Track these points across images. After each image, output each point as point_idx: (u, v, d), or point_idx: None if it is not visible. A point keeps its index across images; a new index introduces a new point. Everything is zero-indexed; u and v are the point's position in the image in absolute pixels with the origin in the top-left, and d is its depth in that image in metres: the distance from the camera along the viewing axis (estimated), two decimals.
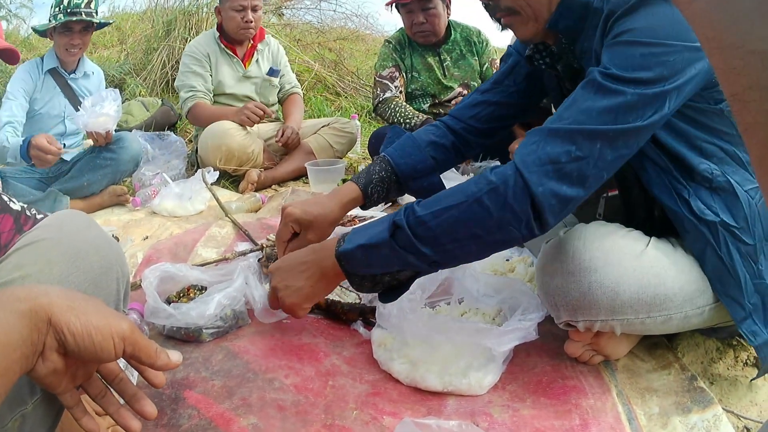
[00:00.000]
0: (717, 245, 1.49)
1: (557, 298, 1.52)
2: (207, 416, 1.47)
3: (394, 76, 4.00)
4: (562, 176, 1.30)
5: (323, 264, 1.50)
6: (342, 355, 1.77)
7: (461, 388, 1.56)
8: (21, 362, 0.78)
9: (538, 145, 1.33)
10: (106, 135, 3.57)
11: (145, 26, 7.89)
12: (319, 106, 6.37)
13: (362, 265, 1.44)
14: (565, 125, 1.33)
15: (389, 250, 1.38)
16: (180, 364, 0.99)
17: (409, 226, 1.36)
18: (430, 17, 3.87)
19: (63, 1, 3.72)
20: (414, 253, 1.37)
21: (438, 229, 1.34)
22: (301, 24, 8.72)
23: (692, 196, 1.50)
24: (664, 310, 1.49)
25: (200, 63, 4.19)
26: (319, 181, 3.64)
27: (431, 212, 1.35)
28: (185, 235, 2.78)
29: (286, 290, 1.56)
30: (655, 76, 1.31)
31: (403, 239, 1.37)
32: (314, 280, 1.53)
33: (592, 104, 1.33)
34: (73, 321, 0.83)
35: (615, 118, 1.31)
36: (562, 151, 1.30)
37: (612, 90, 1.32)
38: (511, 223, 1.31)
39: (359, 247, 1.42)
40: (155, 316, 1.79)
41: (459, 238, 1.35)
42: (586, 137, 1.31)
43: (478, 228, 1.33)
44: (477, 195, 1.32)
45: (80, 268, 1.12)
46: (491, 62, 4.16)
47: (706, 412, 1.47)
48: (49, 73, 3.89)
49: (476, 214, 1.32)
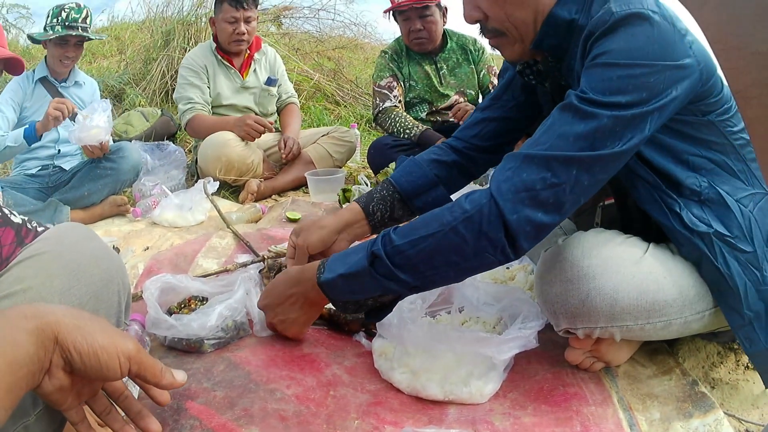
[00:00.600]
0: (713, 256, 1.48)
1: (556, 306, 1.52)
2: (209, 427, 1.46)
3: (392, 86, 4.04)
4: (537, 203, 1.30)
5: (309, 295, 1.60)
6: (343, 365, 1.77)
7: (462, 397, 1.56)
8: (27, 379, 0.79)
9: (514, 172, 1.33)
10: (102, 146, 3.59)
11: (144, 36, 7.91)
12: (318, 115, 6.38)
13: (344, 292, 1.50)
14: (541, 151, 1.32)
15: (369, 277, 1.42)
16: (185, 383, 1.00)
17: (387, 254, 1.39)
18: (427, 24, 3.92)
19: (61, 14, 3.76)
20: (393, 280, 1.40)
21: (415, 258, 1.37)
22: (300, 33, 8.72)
23: (683, 210, 1.50)
24: (664, 316, 1.49)
25: (197, 75, 4.20)
26: (319, 190, 3.65)
27: (408, 241, 1.38)
28: (186, 246, 2.78)
29: (283, 324, 1.74)
30: (633, 99, 1.30)
31: (382, 267, 1.40)
32: (305, 309, 1.67)
33: (569, 129, 1.32)
34: (79, 340, 0.84)
35: (592, 143, 1.30)
36: (538, 178, 1.30)
37: (588, 113, 1.31)
38: (487, 250, 1.33)
39: (339, 277, 1.47)
40: (156, 328, 1.79)
41: (436, 266, 1.37)
42: (561, 163, 1.30)
43: (455, 255, 1.35)
44: (452, 224, 1.34)
45: (81, 281, 1.13)
46: (488, 69, 4.21)
47: (707, 416, 1.47)
48: (39, 82, 3.91)
49: (452, 243, 1.34)
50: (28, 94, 3.87)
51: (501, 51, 1.62)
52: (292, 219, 3.23)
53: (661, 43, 1.31)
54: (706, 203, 1.51)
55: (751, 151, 1.56)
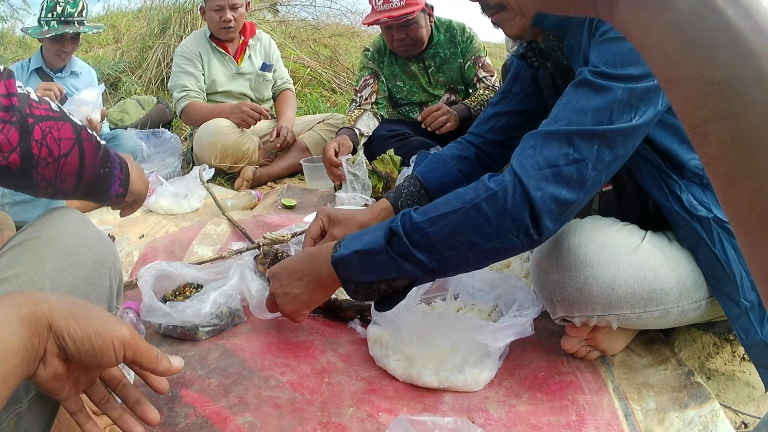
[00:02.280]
0: (711, 241, 1.48)
1: (553, 294, 1.51)
2: (203, 414, 1.46)
3: (368, 84, 3.85)
4: (561, 180, 1.29)
5: (320, 273, 1.51)
6: (338, 352, 1.76)
7: (457, 385, 1.56)
8: (22, 367, 0.78)
9: (535, 149, 1.32)
10: (91, 124, 3.57)
11: (141, 24, 7.89)
12: (314, 102, 6.36)
13: (358, 271, 1.43)
14: (562, 127, 1.32)
15: (385, 256, 1.37)
16: (182, 369, 0.99)
17: (406, 232, 1.35)
18: (412, 32, 3.64)
19: (56, 8, 3.72)
20: (410, 261, 1.36)
21: (435, 236, 1.33)
22: (296, 21, 8.69)
23: (684, 192, 1.50)
24: (661, 305, 1.49)
25: (192, 62, 4.19)
26: (315, 177, 3.64)
27: (428, 218, 1.34)
28: (181, 233, 2.77)
29: (284, 297, 1.59)
30: (644, 71, 1.30)
31: (400, 246, 1.36)
32: (311, 288, 1.55)
33: (585, 103, 1.32)
34: (73, 326, 0.83)
35: (610, 117, 1.30)
36: (560, 153, 1.29)
37: (603, 87, 1.31)
38: (510, 231, 1.29)
39: (355, 253, 1.41)
40: (151, 315, 1.79)
41: (456, 246, 1.33)
42: (583, 138, 1.29)
43: (476, 235, 1.31)
44: (475, 201, 1.31)
45: (73, 265, 1.13)
46: (475, 60, 3.86)
47: (703, 407, 1.47)
48: (35, 72, 3.90)
49: (474, 221, 1.30)
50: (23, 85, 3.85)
51: (503, 27, 1.60)
52: (288, 206, 3.22)
53: None
54: (708, 187, 1.51)
55: None
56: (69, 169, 1.16)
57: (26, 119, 1.07)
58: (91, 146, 1.21)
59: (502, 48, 7.69)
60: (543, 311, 1.62)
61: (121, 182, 1.36)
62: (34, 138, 1.08)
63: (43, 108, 1.12)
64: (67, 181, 1.18)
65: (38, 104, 1.11)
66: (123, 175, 1.37)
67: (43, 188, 1.15)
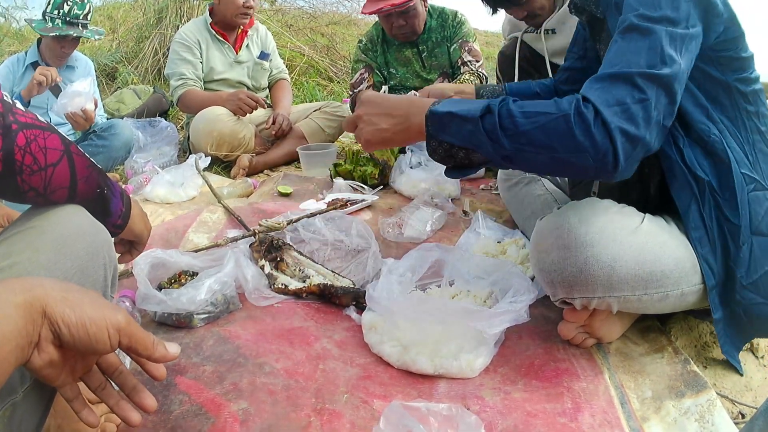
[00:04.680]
0: (702, 202, 1.52)
1: (553, 275, 1.51)
2: (198, 402, 1.46)
3: (363, 78, 3.99)
4: (630, 117, 1.32)
5: (413, 119, 1.52)
6: (333, 338, 1.76)
7: (452, 371, 1.56)
8: (16, 353, 0.78)
9: (604, 89, 1.36)
10: (86, 114, 3.58)
11: (137, 15, 7.85)
12: (311, 91, 6.35)
13: (444, 129, 1.46)
14: (623, 69, 1.37)
15: (473, 126, 1.40)
16: (178, 355, 0.99)
17: (499, 114, 1.38)
18: (410, 19, 3.82)
19: (64, 7, 3.69)
20: (493, 140, 1.39)
21: (522, 128, 1.36)
22: (293, 9, 8.65)
23: (686, 147, 1.54)
24: (661, 287, 1.49)
25: (190, 50, 4.18)
26: (311, 165, 3.63)
27: (522, 111, 1.37)
28: (176, 221, 2.77)
29: (368, 125, 1.59)
30: (681, 16, 1.41)
31: (489, 123, 1.39)
32: (398, 129, 1.56)
33: (636, 45, 1.39)
34: (67, 312, 0.83)
35: (661, 55, 1.37)
36: (627, 93, 1.34)
37: (647, 30, 1.39)
38: (587, 150, 1.32)
39: (448, 113, 1.44)
40: (146, 303, 1.79)
41: (536, 143, 1.36)
42: (645, 79, 1.35)
43: (557, 141, 1.34)
44: (567, 112, 1.33)
45: (67, 255, 1.12)
46: (461, 44, 3.98)
47: (699, 396, 1.46)
48: (31, 66, 3.88)
49: (560, 128, 1.33)
50: (18, 79, 3.85)
51: None
52: (284, 193, 3.21)
53: None
54: (710, 155, 1.54)
55: (760, 141, 1.59)
56: (59, 180, 1.16)
57: (9, 125, 1.06)
58: (82, 161, 1.21)
59: (500, 37, 7.68)
60: (539, 298, 1.62)
61: (121, 214, 1.37)
62: (18, 144, 1.07)
63: (29, 117, 1.11)
64: (58, 193, 1.17)
65: (24, 113, 1.10)
66: (124, 207, 1.38)
67: (33, 197, 1.14)
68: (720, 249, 1.52)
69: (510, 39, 3.44)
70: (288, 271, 2.12)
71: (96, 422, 0.97)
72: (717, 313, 1.56)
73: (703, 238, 1.52)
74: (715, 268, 1.52)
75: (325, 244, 2.35)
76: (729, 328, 1.59)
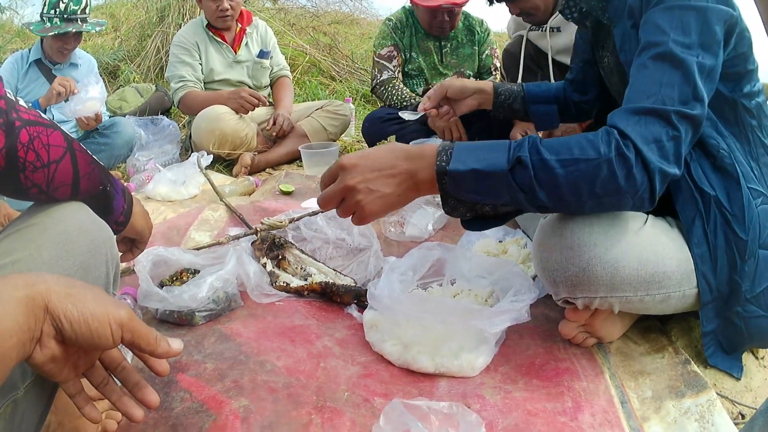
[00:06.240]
0: (706, 218, 1.51)
1: (556, 274, 1.50)
2: (199, 399, 1.46)
3: (392, 56, 4.00)
4: (665, 155, 1.32)
5: (419, 175, 1.38)
6: (334, 337, 1.76)
7: (453, 370, 1.56)
8: (17, 349, 0.77)
9: (641, 125, 1.34)
10: (96, 117, 3.60)
11: (139, 13, 7.83)
12: (313, 90, 6.35)
13: (468, 190, 1.36)
14: (659, 105, 1.35)
15: (503, 182, 1.33)
16: (181, 351, 0.98)
17: (534, 165, 1.31)
18: (455, 17, 3.92)
19: (59, 5, 3.68)
20: (528, 193, 1.33)
21: (562, 179, 1.31)
22: (296, 8, 8.65)
23: (693, 161, 1.53)
24: (663, 288, 1.49)
25: (188, 52, 4.17)
26: (313, 164, 3.63)
27: (559, 159, 1.31)
28: (178, 219, 2.77)
29: (368, 195, 1.37)
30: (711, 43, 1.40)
31: (523, 177, 1.32)
32: (403, 189, 1.40)
33: (670, 77, 1.38)
34: (69, 308, 0.82)
35: (694, 90, 1.36)
36: (663, 130, 1.33)
37: (681, 60, 1.38)
38: (630, 192, 1.32)
39: (472, 172, 1.33)
40: (148, 300, 1.79)
41: (579, 193, 1.33)
42: (680, 117, 1.34)
43: (601, 188, 1.32)
44: (609, 156, 1.30)
45: (69, 252, 1.12)
46: (491, 51, 4.17)
47: (699, 396, 1.46)
48: (34, 64, 3.88)
49: (604, 174, 1.31)
50: (21, 76, 3.85)
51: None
52: (286, 192, 3.21)
53: None
54: (719, 170, 1.53)
55: (764, 155, 1.59)
56: (62, 177, 1.16)
57: (12, 122, 1.06)
58: (84, 158, 1.21)
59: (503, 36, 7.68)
60: (540, 297, 1.62)
61: (123, 211, 1.38)
62: (21, 141, 1.07)
63: (32, 114, 1.11)
64: (61, 190, 1.17)
65: (26, 110, 1.10)
66: (126, 205, 1.38)
67: (35, 194, 1.14)
68: (726, 263, 1.52)
69: (515, 37, 3.45)
70: (290, 269, 2.12)
71: (98, 418, 0.98)
72: (708, 326, 1.59)
73: (705, 254, 1.51)
74: (713, 284, 1.52)
75: (327, 242, 2.35)
76: (724, 339, 1.61)
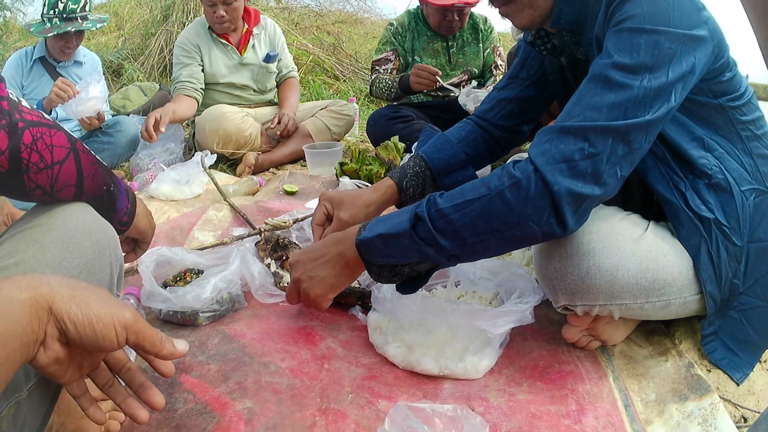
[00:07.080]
0: (709, 241, 1.50)
1: (555, 282, 1.50)
2: (203, 400, 1.46)
3: (389, 59, 4.08)
4: (576, 174, 1.29)
5: (346, 254, 1.50)
6: (338, 338, 1.76)
7: (457, 372, 1.56)
8: (21, 351, 0.77)
9: (551, 144, 1.32)
10: (99, 117, 3.60)
11: (143, 11, 7.85)
12: (317, 89, 6.36)
13: (381, 254, 1.44)
14: (577, 123, 1.32)
15: (409, 240, 1.38)
16: (186, 352, 0.99)
17: (431, 218, 1.36)
18: (464, 16, 3.99)
19: (58, 5, 3.67)
20: (433, 246, 1.37)
21: (458, 223, 1.34)
22: (300, 7, 8.66)
23: (689, 190, 1.51)
24: (663, 296, 1.49)
25: (189, 54, 4.12)
26: (317, 163, 3.64)
27: (453, 205, 1.35)
28: (182, 219, 2.77)
29: (309, 281, 1.55)
30: (660, 65, 1.31)
31: (424, 231, 1.37)
32: (338, 270, 1.53)
33: (600, 100, 1.32)
34: (74, 310, 0.82)
35: (624, 113, 1.30)
36: (576, 148, 1.30)
37: (619, 84, 1.31)
38: (531, 219, 1.30)
39: (379, 236, 1.42)
40: (151, 300, 1.78)
41: (479, 232, 1.34)
42: (598, 133, 1.30)
43: (499, 222, 1.32)
44: (499, 188, 1.31)
45: (73, 253, 1.12)
46: (493, 48, 4.22)
47: (702, 400, 1.46)
48: (38, 61, 3.89)
49: (497, 208, 1.31)
50: (26, 73, 3.85)
51: (511, 19, 1.63)
52: (290, 192, 3.21)
53: (681, 10, 1.32)
54: (714, 187, 1.52)
55: (758, 146, 1.58)
56: (65, 178, 1.16)
57: (15, 123, 1.06)
58: (88, 158, 1.21)
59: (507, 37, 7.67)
60: (544, 300, 1.61)
61: (127, 211, 1.38)
62: (24, 142, 1.07)
63: (35, 114, 1.11)
64: (64, 191, 1.17)
65: (29, 111, 1.10)
66: (130, 205, 1.39)
67: (39, 196, 1.14)
68: (729, 274, 1.53)
69: (518, 39, 3.46)
70: None
71: (103, 419, 0.98)
72: (709, 328, 1.61)
73: (712, 277, 1.51)
74: (718, 298, 1.54)
75: None
76: (727, 337, 1.62)
